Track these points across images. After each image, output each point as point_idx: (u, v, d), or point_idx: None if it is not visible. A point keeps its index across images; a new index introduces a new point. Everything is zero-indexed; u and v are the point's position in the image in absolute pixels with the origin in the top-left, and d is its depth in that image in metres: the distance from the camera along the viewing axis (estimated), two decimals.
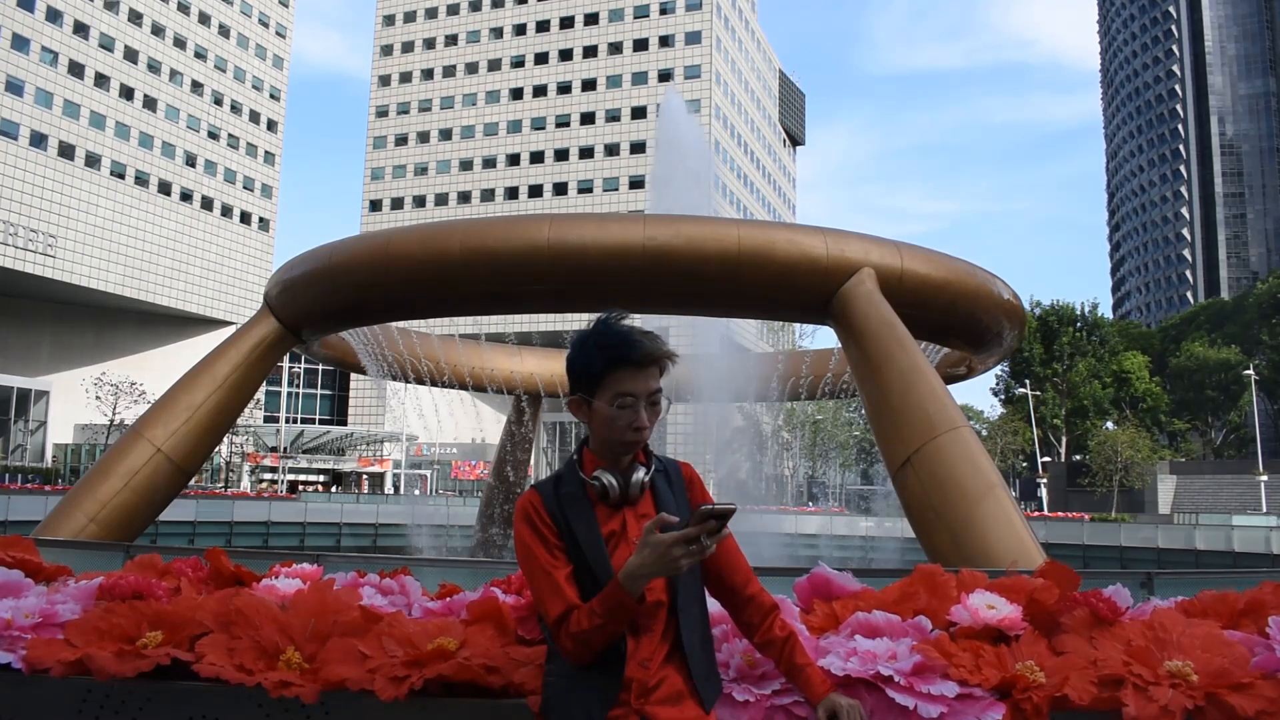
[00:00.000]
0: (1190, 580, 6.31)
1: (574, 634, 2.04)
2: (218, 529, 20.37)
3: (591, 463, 2.21)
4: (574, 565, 2.12)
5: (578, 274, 9.10)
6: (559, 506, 2.16)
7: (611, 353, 2.14)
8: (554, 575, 2.10)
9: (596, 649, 2.05)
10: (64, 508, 10.00)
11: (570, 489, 2.18)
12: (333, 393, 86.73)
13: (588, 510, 2.16)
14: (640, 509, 2.19)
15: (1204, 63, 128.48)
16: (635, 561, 1.98)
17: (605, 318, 2.21)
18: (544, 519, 2.15)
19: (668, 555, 1.95)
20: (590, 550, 2.11)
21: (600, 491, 2.16)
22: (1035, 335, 74.56)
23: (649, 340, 2.16)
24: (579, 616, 2.05)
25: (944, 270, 9.64)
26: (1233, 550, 19.20)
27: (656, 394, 2.17)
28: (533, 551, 2.13)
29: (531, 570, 2.14)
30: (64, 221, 63.88)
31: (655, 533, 1.97)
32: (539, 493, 2.20)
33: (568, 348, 2.26)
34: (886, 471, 8.72)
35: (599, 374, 2.15)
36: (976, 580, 2.78)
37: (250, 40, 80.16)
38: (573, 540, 2.13)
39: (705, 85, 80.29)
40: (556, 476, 2.24)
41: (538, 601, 2.15)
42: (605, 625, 2.02)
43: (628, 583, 1.99)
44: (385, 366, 13.94)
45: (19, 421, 62.73)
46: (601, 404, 2.15)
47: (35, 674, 2.54)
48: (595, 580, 2.09)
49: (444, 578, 3.38)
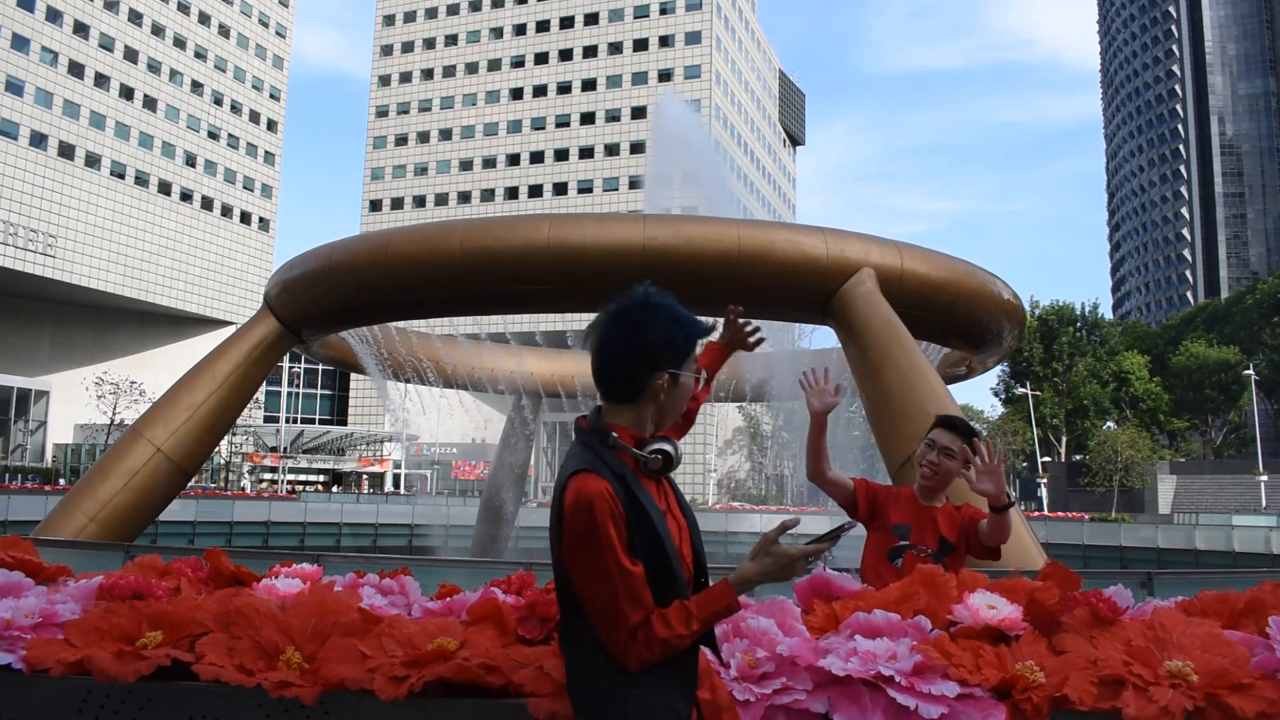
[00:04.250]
0: (1190, 580, 6.31)
1: (660, 640, 1.88)
2: (218, 529, 20.39)
3: (634, 439, 2.05)
4: (641, 558, 1.93)
5: (578, 274, 9.09)
6: (624, 490, 1.95)
7: (701, 325, 2.10)
8: (633, 576, 1.90)
9: (677, 653, 1.91)
10: (64, 508, 10.00)
11: (619, 467, 1.98)
12: (333, 393, 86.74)
13: (643, 490, 1.98)
14: (663, 485, 2.13)
15: (1204, 63, 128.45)
16: (754, 569, 1.93)
17: (652, 286, 2.09)
18: (619, 510, 1.92)
19: (791, 568, 1.90)
20: (664, 531, 1.95)
21: (660, 467, 2.03)
22: (1035, 335, 74.55)
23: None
24: (664, 621, 1.89)
25: (944, 270, 9.64)
26: (1233, 550, 19.22)
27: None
28: (615, 549, 1.89)
29: (605, 572, 1.90)
30: (64, 221, 63.86)
31: (777, 542, 1.91)
32: (602, 478, 1.94)
33: (570, 345, 2.22)
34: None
35: (694, 346, 2.09)
36: (976, 580, 2.78)
37: (250, 40, 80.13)
38: (645, 525, 1.93)
39: (705, 85, 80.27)
40: (600, 457, 2.00)
41: (606, 606, 1.91)
42: (700, 630, 1.91)
43: (740, 586, 1.92)
44: (385, 367, 13.94)
45: (19, 421, 62.73)
46: (689, 377, 2.11)
47: (35, 674, 2.54)
48: (664, 565, 1.94)
49: (444, 578, 3.38)
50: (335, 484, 68.26)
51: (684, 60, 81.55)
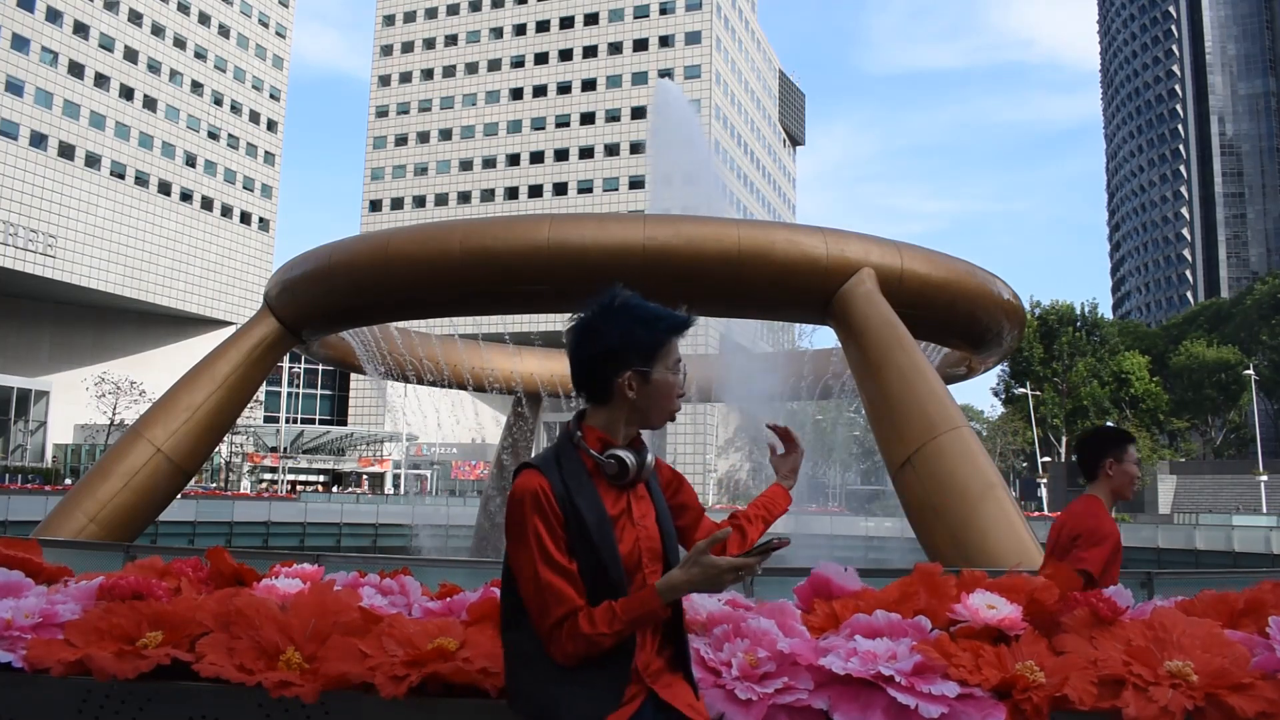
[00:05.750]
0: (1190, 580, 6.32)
1: (583, 635, 1.93)
2: (218, 529, 20.37)
3: (600, 441, 2.09)
4: (577, 556, 1.98)
5: (578, 274, 9.09)
6: (565, 488, 2.00)
7: (669, 321, 2.12)
8: (561, 573, 1.96)
9: (602, 651, 1.95)
10: (64, 508, 10.00)
11: (573, 469, 2.04)
12: (333, 393, 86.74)
13: (593, 491, 2.03)
14: (639, 492, 2.14)
15: (1204, 63, 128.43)
16: (681, 577, 1.95)
17: (623, 290, 2.15)
18: (552, 505, 1.98)
19: (719, 579, 1.93)
20: (599, 535, 1.99)
21: (615, 471, 2.06)
22: (1035, 335, 74.54)
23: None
24: (589, 618, 1.94)
25: (944, 270, 9.64)
26: (1233, 550, 19.20)
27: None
28: (542, 543, 1.96)
29: (531, 563, 1.97)
30: (64, 221, 63.86)
31: (708, 554, 1.93)
32: (543, 474, 2.02)
33: (569, 340, 2.22)
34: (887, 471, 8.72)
35: (661, 343, 2.10)
36: (976, 580, 2.78)
37: (250, 40, 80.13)
38: (579, 524, 1.99)
39: (705, 85, 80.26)
40: (555, 455, 2.07)
41: (533, 597, 1.98)
42: (624, 630, 1.95)
43: (666, 594, 1.95)
44: (385, 367, 13.94)
45: (19, 421, 62.75)
46: (663, 374, 2.10)
47: (35, 674, 2.54)
48: (598, 565, 1.98)
49: (444, 578, 3.38)
50: (335, 484, 68.21)
51: (684, 60, 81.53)
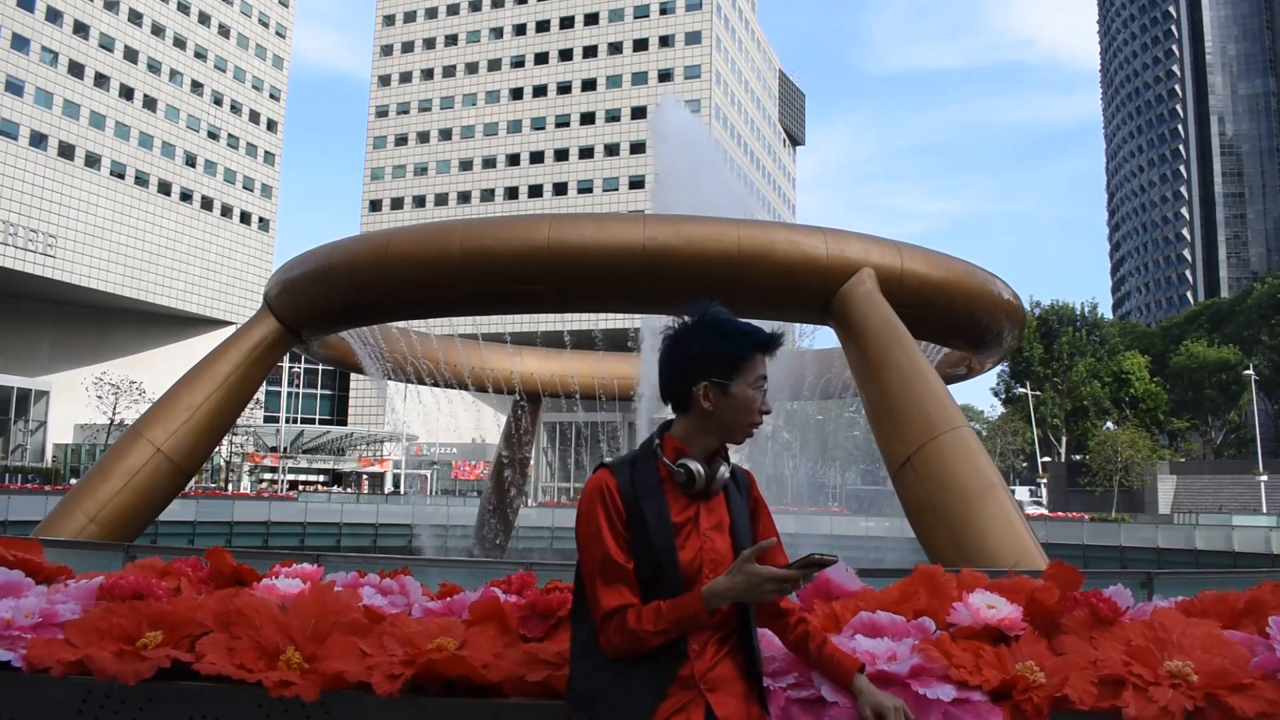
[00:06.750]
0: (1190, 580, 6.32)
1: (630, 631, 2.00)
2: (218, 529, 20.39)
3: (675, 450, 2.17)
4: (637, 556, 2.06)
5: (578, 274, 9.09)
6: (633, 491, 2.10)
7: (755, 337, 2.18)
8: (619, 566, 2.05)
9: (648, 650, 2.01)
10: (64, 508, 10.00)
11: (646, 474, 2.13)
12: (333, 393, 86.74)
13: (661, 496, 2.11)
14: (713, 504, 2.18)
15: (1204, 63, 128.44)
16: (725, 584, 1.99)
17: (714, 304, 2.23)
18: (616, 503, 2.09)
19: (761, 588, 1.97)
20: (659, 538, 2.06)
21: (684, 480, 2.13)
22: (1035, 335, 74.55)
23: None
24: (638, 615, 2.01)
25: (944, 270, 9.64)
26: (1233, 550, 19.22)
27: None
28: (602, 536, 2.06)
29: (594, 555, 2.07)
30: (64, 221, 63.86)
31: (752, 561, 1.97)
32: (614, 474, 2.12)
33: (645, 347, 2.25)
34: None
35: (743, 357, 2.15)
36: (977, 580, 2.78)
37: (250, 40, 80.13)
38: (640, 526, 2.07)
39: (705, 85, 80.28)
40: (632, 459, 2.18)
41: (590, 586, 2.08)
42: (669, 631, 2.00)
43: (711, 600, 1.99)
44: (385, 367, 13.94)
45: (19, 421, 62.72)
46: (742, 388, 2.15)
47: (35, 673, 2.54)
48: (658, 568, 2.05)
49: (444, 578, 3.38)
50: (335, 484, 68.19)
51: (684, 60, 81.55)
